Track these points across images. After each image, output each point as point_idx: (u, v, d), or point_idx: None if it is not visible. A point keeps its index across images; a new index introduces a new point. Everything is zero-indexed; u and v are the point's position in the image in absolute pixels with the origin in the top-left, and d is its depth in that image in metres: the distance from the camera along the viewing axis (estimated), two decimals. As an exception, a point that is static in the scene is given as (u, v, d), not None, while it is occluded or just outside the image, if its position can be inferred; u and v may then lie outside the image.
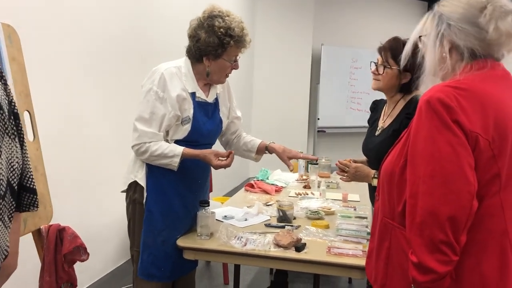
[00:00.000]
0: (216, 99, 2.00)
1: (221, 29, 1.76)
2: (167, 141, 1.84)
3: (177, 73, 1.83)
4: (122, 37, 2.95)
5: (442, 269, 0.99)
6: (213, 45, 1.78)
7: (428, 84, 1.15)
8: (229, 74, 1.93)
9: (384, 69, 1.86)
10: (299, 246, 1.79)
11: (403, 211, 1.10)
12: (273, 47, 6.66)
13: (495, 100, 1.05)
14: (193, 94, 1.86)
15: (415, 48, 1.25)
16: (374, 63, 1.92)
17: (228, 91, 2.09)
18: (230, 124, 2.13)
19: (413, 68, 1.76)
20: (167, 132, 1.84)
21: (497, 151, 1.02)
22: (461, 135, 1.00)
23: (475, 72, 1.07)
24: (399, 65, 1.81)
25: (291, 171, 2.14)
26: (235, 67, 1.90)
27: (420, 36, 1.20)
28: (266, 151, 2.13)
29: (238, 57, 1.89)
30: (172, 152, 1.80)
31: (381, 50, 1.89)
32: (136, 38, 3.11)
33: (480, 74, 1.07)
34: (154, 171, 1.84)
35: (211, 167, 1.92)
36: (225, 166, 1.88)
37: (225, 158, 1.88)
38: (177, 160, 1.80)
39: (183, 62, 1.88)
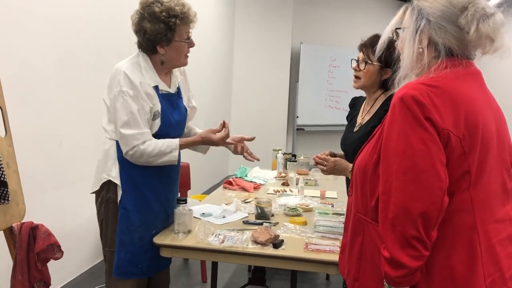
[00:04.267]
0: (178, 88, 1.99)
1: (163, 13, 1.74)
2: None
3: (137, 69, 1.80)
4: (100, 34, 2.90)
5: (413, 264, 1.02)
6: (162, 31, 1.76)
7: (403, 80, 1.17)
8: (188, 54, 1.90)
9: (365, 65, 1.88)
10: (277, 243, 1.80)
11: (376, 207, 1.11)
12: (252, 46, 6.66)
13: (466, 98, 1.07)
14: (156, 88, 1.84)
15: (393, 42, 1.26)
16: (355, 60, 1.93)
17: (186, 79, 2.08)
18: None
19: (394, 64, 1.79)
20: None
21: (467, 149, 1.04)
22: (433, 132, 1.02)
23: (448, 69, 1.09)
24: (380, 60, 1.84)
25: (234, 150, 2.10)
26: (191, 45, 1.87)
27: (396, 29, 1.21)
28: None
29: (190, 34, 1.87)
30: (169, 148, 1.80)
31: (362, 46, 1.91)
32: (113, 36, 3.06)
33: (453, 72, 1.09)
34: (127, 168, 1.82)
35: (214, 144, 1.92)
36: (225, 138, 1.90)
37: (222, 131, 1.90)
38: (176, 154, 1.81)
39: (140, 57, 1.85)
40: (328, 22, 7.43)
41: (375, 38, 1.88)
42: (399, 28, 1.21)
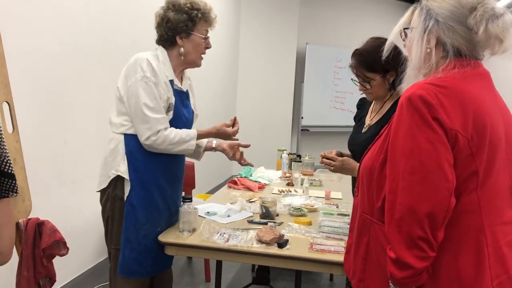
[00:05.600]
0: (187, 89, 2.04)
1: (187, 5, 1.85)
2: None
3: (156, 61, 1.85)
4: (106, 32, 2.91)
5: (419, 265, 1.01)
6: (183, 21, 1.85)
7: (410, 80, 1.16)
8: (203, 55, 1.97)
9: (369, 83, 1.86)
10: (282, 242, 1.80)
11: (382, 207, 1.11)
12: (257, 46, 6.66)
13: (474, 98, 1.06)
14: (171, 82, 1.88)
15: (382, 46, 1.26)
16: (355, 81, 1.90)
17: (192, 86, 2.13)
18: None
19: (398, 63, 1.76)
20: None
21: (475, 149, 1.04)
22: (440, 133, 1.01)
23: (457, 70, 1.09)
24: (378, 71, 1.82)
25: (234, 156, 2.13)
26: (208, 45, 1.95)
27: (404, 29, 1.21)
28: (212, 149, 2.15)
29: (208, 35, 1.94)
30: (189, 136, 1.87)
31: (354, 68, 1.87)
32: (121, 32, 3.07)
33: (461, 72, 1.09)
34: (135, 164, 1.83)
35: (227, 137, 2.01)
36: (236, 132, 2.01)
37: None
38: (194, 143, 1.88)
39: (158, 51, 1.90)
40: (334, 23, 7.42)
41: (359, 55, 1.84)
42: (407, 28, 1.20)
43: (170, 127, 1.86)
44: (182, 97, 1.96)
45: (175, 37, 1.87)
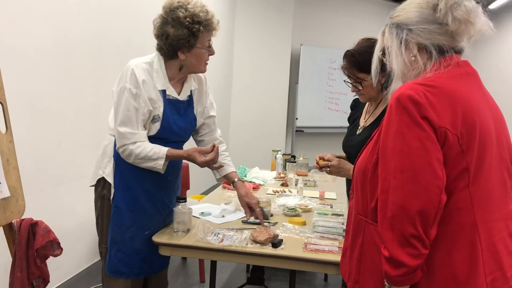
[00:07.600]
0: (191, 96, 1.96)
1: (187, 19, 1.73)
2: None
3: (148, 69, 1.79)
4: (100, 31, 2.90)
5: (412, 263, 1.02)
6: (184, 37, 1.74)
7: (400, 83, 1.18)
8: (208, 62, 1.89)
9: (361, 84, 1.86)
10: (276, 242, 1.80)
11: (376, 207, 1.12)
12: (252, 47, 6.67)
13: (462, 96, 1.08)
14: (163, 92, 1.82)
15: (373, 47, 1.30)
16: (348, 82, 1.91)
17: (203, 88, 2.04)
18: (202, 125, 2.09)
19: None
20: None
21: (465, 146, 1.05)
22: (429, 131, 1.03)
23: (443, 69, 1.11)
24: (369, 72, 1.80)
25: (247, 218, 2.09)
26: (211, 52, 1.86)
27: (383, 52, 1.24)
28: (231, 183, 2.09)
29: (211, 42, 1.85)
30: (156, 155, 1.77)
31: (345, 70, 1.88)
32: (114, 33, 3.06)
33: (447, 71, 1.11)
34: (121, 167, 1.82)
35: (197, 164, 1.86)
36: (210, 162, 1.83)
37: (209, 153, 1.84)
38: (161, 162, 1.78)
39: (156, 58, 1.83)
40: (328, 24, 7.45)
41: (351, 56, 1.84)
42: (384, 52, 1.24)
43: (159, 138, 1.82)
44: (177, 106, 1.89)
45: (177, 52, 1.78)
